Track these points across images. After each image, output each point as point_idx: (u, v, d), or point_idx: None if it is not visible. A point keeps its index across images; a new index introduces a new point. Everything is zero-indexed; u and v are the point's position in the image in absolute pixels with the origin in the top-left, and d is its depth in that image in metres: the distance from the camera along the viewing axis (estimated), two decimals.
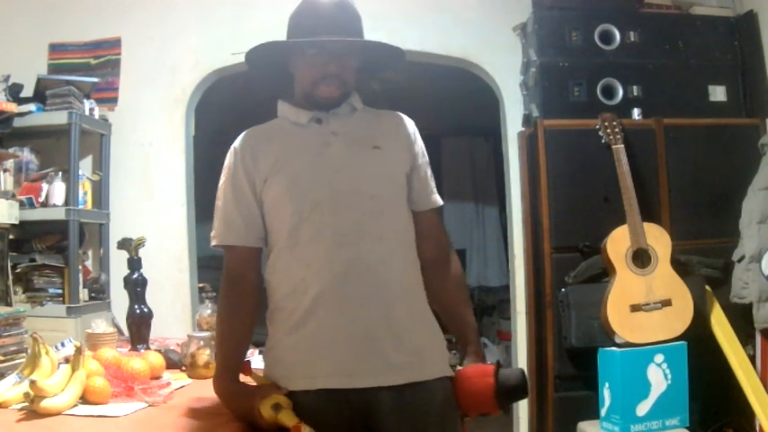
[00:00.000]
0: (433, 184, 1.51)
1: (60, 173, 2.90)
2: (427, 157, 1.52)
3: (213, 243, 1.46)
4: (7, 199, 2.67)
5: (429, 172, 1.51)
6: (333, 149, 1.40)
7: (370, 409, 1.32)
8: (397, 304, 1.36)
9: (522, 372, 1.44)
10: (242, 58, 3.51)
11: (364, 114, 1.49)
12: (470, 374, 1.42)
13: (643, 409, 2.48)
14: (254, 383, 1.42)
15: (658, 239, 2.61)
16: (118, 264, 2.82)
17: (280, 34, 1.48)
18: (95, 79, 3.08)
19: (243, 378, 1.43)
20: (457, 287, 1.52)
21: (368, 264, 1.34)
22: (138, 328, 2.06)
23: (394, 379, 1.33)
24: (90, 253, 3.14)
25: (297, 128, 1.45)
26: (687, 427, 2.53)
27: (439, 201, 1.52)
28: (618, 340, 2.53)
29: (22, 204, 2.77)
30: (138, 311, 2.07)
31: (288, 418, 1.26)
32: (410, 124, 1.51)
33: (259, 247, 1.45)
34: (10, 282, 2.71)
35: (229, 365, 1.42)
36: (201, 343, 1.88)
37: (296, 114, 1.46)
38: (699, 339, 2.58)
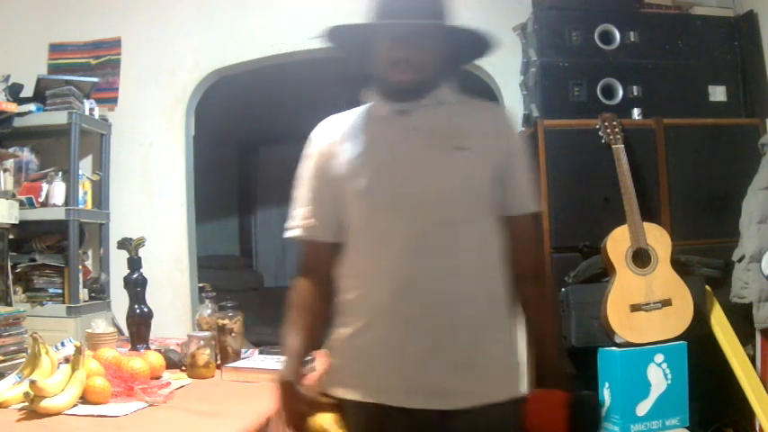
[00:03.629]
0: (529, 186, 1.37)
1: (60, 173, 2.90)
2: (525, 157, 1.38)
3: (287, 234, 1.39)
4: (7, 199, 2.67)
5: (525, 173, 1.36)
6: (410, 148, 1.29)
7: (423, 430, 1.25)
8: (458, 324, 1.26)
9: (597, 402, 1.36)
10: (242, 59, 3.47)
11: (454, 107, 1.35)
12: (541, 400, 1.30)
13: (643, 408, 2.48)
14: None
15: (658, 239, 2.61)
16: (118, 264, 2.82)
17: (278, 35, 1.47)
18: (95, 79, 3.08)
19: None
20: (542, 306, 1.38)
21: (428, 280, 1.24)
22: (138, 328, 2.06)
23: (445, 403, 1.24)
24: (90, 253, 3.14)
25: (378, 120, 1.35)
26: (687, 427, 2.53)
27: (533, 206, 1.36)
28: (618, 340, 2.52)
29: (22, 204, 2.77)
30: (138, 311, 2.07)
31: None
32: (503, 120, 1.39)
33: (335, 242, 1.36)
34: (10, 282, 2.71)
35: (290, 361, 1.37)
36: (201, 343, 1.88)
37: (378, 104, 1.36)
38: (699, 339, 2.58)
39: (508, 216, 1.34)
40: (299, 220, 1.38)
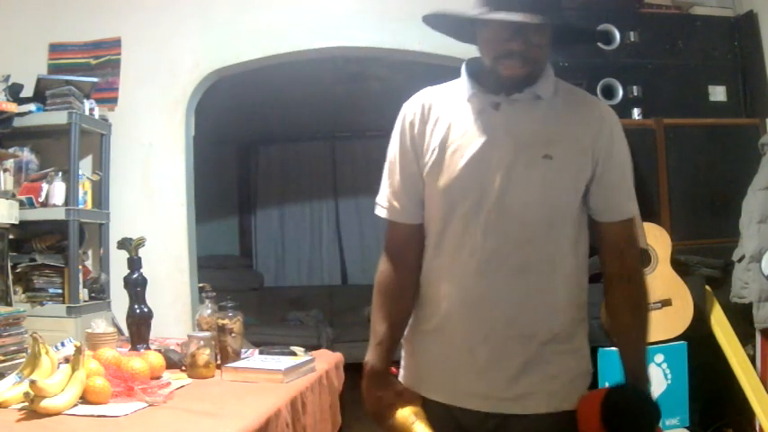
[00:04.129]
0: (625, 192, 1.31)
1: (60, 173, 2.89)
2: (622, 158, 1.31)
3: (376, 212, 1.37)
4: (7, 199, 2.67)
5: (621, 177, 1.30)
6: (497, 152, 1.23)
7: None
8: (526, 340, 1.24)
9: (641, 396, 1.24)
10: (242, 59, 3.47)
11: (550, 104, 1.28)
12: (584, 399, 1.25)
13: None
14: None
15: (658, 239, 2.61)
16: (118, 264, 2.82)
17: (278, 35, 1.45)
18: (95, 79, 3.08)
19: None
20: (632, 310, 1.32)
21: (498, 297, 1.23)
22: (138, 328, 2.06)
23: (504, 407, 1.24)
24: (90, 253, 3.13)
25: (471, 112, 1.28)
26: (687, 427, 2.53)
27: (629, 212, 1.30)
28: None
29: (22, 204, 2.77)
30: (138, 311, 2.07)
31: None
32: (598, 121, 1.28)
33: (421, 224, 1.33)
34: (10, 282, 2.70)
35: (376, 347, 1.35)
36: (201, 343, 1.88)
37: (473, 92, 1.28)
38: (699, 339, 2.58)
39: (600, 222, 1.30)
40: (386, 200, 1.35)
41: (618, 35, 2.97)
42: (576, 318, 1.31)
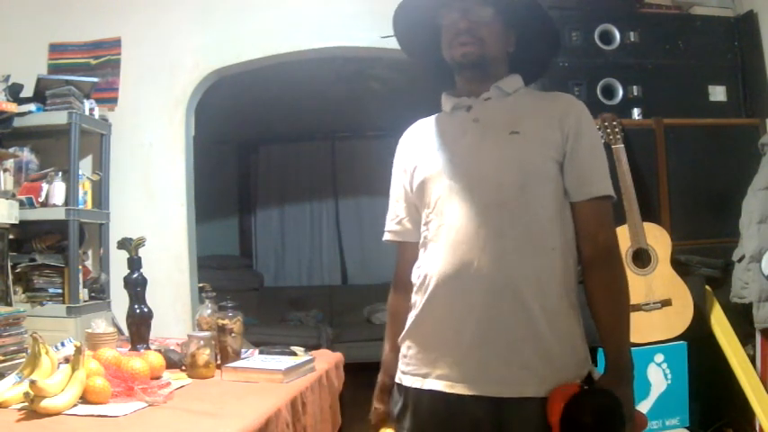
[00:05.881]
0: (596, 171, 1.30)
1: (60, 173, 2.89)
2: (592, 140, 1.32)
3: (384, 239, 1.47)
4: (7, 199, 2.67)
5: (589, 158, 1.30)
6: (467, 138, 1.32)
7: (471, 417, 1.24)
8: (513, 310, 1.23)
9: (610, 403, 1.19)
10: (242, 59, 3.47)
11: (517, 98, 1.36)
12: (553, 395, 1.21)
13: (643, 409, 2.48)
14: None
15: (658, 239, 2.61)
16: (118, 264, 2.82)
17: (279, 34, 1.46)
18: (95, 79, 3.08)
19: None
20: (606, 294, 1.30)
21: (480, 265, 1.23)
22: (138, 327, 2.06)
23: (488, 390, 1.23)
24: (90, 253, 3.13)
25: (445, 117, 1.41)
26: (687, 427, 2.53)
27: (599, 191, 1.29)
28: None
29: (22, 204, 2.77)
30: (138, 311, 2.07)
31: None
32: (565, 103, 1.33)
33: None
34: (10, 282, 2.70)
35: (382, 364, 1.46)
36: (201, 343, 1.88)
37: (445, 102, 1.41)
38: (699, 339, 2.58)
39: (572, 202, 1.31)
40: (392, 225, 1.45)
41: (618, 35, 2.97)
42: (561, 294, 1.27)
